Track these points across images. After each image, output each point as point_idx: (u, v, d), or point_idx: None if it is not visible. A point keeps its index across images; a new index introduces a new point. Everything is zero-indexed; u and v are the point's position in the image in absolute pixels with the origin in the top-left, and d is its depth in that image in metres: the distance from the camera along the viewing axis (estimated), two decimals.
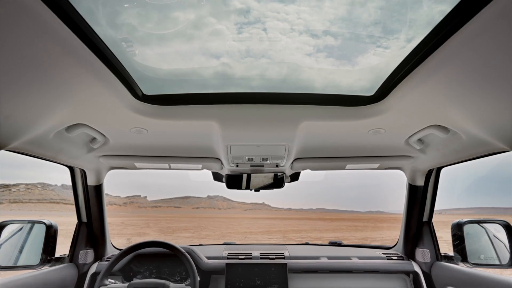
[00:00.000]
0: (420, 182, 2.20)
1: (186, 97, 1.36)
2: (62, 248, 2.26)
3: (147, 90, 1.31)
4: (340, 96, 1.36)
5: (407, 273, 2.30)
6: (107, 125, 1.52)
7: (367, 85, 1.31)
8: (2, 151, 1.44)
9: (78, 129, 1.49)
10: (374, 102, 1.35)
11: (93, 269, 2.24)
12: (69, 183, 2.22)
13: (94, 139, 1.72)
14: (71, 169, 2.14)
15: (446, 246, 2.27)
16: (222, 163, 2.06)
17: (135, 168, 2.17)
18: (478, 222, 1.99)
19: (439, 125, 1.47)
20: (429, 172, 2.15)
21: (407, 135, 1.65)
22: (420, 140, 1.72)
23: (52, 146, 1.58)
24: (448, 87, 1.10)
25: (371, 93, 1.33)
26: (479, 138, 1.43)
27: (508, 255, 1.77)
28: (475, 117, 1.26)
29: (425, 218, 2.30)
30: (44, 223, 2.01)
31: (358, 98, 1.36)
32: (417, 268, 2.26)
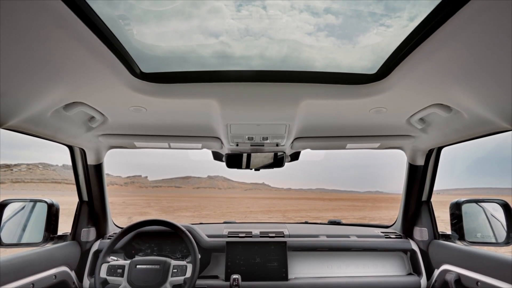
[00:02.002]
0: (420, 162, 2.20)
1: (185, 75, 1.33)
2: (65, 227, 2.29)
3: (146, 68, 1.29)
4: (342, 75, 1.33)
5: (405, 251, 2.34)
6: (105, 103, 1.50)
7: (368, 65, 1.29)
8: (2, 130, 1.44)
9: (76, 107, 1.47)
10: (376, 81, 1.32)
11: (95, 247, 2.28)
12: (70, 163, 2.23)
13: (92, 118, 1.70)
14: (71, 148, 2.14)
15: (443, 226, 2.30)
16: (222, 143, 2.05)
17: (135, 147, 2.17)
18: (477, 201, 2.00)
19: (441, 104, 1.45)
20: (430, 152, 2.15)
21: (409, 114, 1.64)
22: (421, 119, 1.70)
23: (50, 125, 1.57)
24: (452, 65, 1.08)
25: (373, 71, 1.30)
26: (481, 117, 1.42)
27: (504, 234, 1.80)
28: (478, 95, 1.25)
29: (424, 198, 2.32)
30: (46, 202, 2.03)
31: (360, 77, 1.34)
32: (414, 246, 2.29)
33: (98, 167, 2.27)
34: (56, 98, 1.33)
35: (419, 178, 2.26)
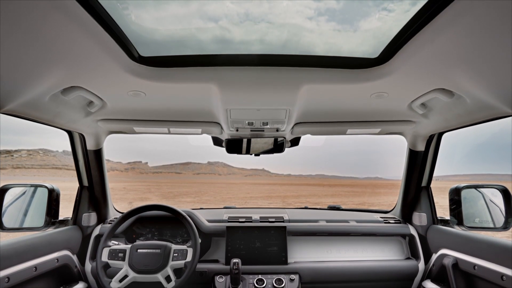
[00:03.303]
0: (421, 147, 2.20)
1: (184, 59, 1.31)
2: (67, 212, 2.31)
3: (144, 52, 1.27)
4: (343, 59, 1.31)
5: (403, 235, 2.37)
6: (103, 88, 1.49)
7: (369, 50, 1.27)
8: (1, 115, 1.43)
9: (74, 91, 1.46)
10: (377, 65, 1.31)
11: (96, 231, 2.30)
12: (70, 149, 2.23)
13: (91, 102, 1.69)
14: (70, 134, 2.13)
15: (441, 211, 2.32)
16: (222, 128, 2.04)
17: (134, 132, 2.16)
18: (476, 187, 2.01)
19: (443, 89, 1.43)
20: (430, 138, 2.15)
21: (411, 99, 1.62)
22: (423, 104, 1.69)
23: (48, 109, 1.56)
24: (455, 49, 1.06)
25: (374, 56, 1.28)
26: (484, 102, 1.41)
27: (502, 219, 1.81)
28: (482, 80, 1.23)
29: (423, 183, 2.33)
30: (46, 187, 2.03)
31: (361, 61, 1.32)
32: (413, 231, 2.32)
33: (98, 152, 2.27)
34: (53, 82, 1.31)
35: (419, 163, 2.26)
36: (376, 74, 1.34)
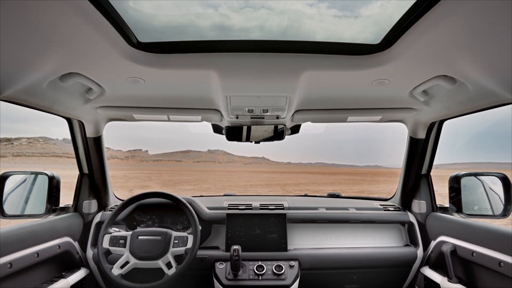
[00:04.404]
0: (422, 135, 2.19)
1: (183, 45, 1.29)
2: (68, 199, 2.32)
3: (143, 38, 1.25)
4: (344, 45, 1.29)
5: (403, 223, 2.38)
6: (102, 74, 1.47)
7: (370, 37, 1.25)
8: (1, 103, 1.42)
9: (72, 78, 1.44)
10: (379, 51, 1.29)
11: (97, 219, 2.32)
12: (70, 137, 2.22)
13: (90, 89, 1.67)
14: (69, 121, 2.12)
15: (440, 199, 2.33)
16: (221, 115, 2.03)
17: (134, 119, 2.15)
18: (476, 174, 2.01)
19: (446, 76, 1.42)
20: (431, 125, 2.14)
21: (412, 86, 1.61)
22: (425, 91, 1.68)
23: (47, 96, 1.54)
24: (458, 34, 1.04)
25: (376, 42, 1.27)
26: (486, 89, 1.39)
27: (502, 206, 1.81)
28: (485, 66, 1.22)
29: (423, 171, 2.33)
30: (46, 174, 2.04)
31: (363, 47, 1.30)
32: (412, 219, 2.33)
33: (98, 140, 2.26)
34: (51, 68, 1.30)
35: (420, 151, 2.26)
36: (378, 60, 1.32)
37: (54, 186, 2.04)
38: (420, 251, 2.21)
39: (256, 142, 2.26)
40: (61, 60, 1.26)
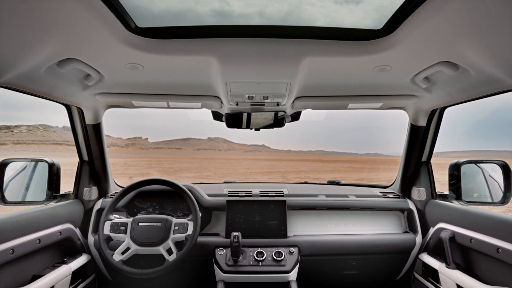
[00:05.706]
0: (423, 122, 2.18)
1: (182, 30, 1.27)
2: (69, 187, 2.32)
3: (141, 23, 1.23)
4: (346, 30, 1.27)
5: (402, 210, 2.39)
6: (100, 60, 1.45)
7: (372, 23, 1.23)
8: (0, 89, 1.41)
9: (70, 64, 1.42)
10: (381, 37, 1.27)
11: (98, 205, 2.33)
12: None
13: (88, 75, 1.66)
14: (68, 108, 2.11)
15: (439, 187, 2.33)
16: (221, 102, 2.02)
17: (133, 106, 2.13)
18: (476, 162, 2.01)
19: (448, 62, 1.40)
20: (432, 112, 2.13)
21: (414, 72, 1.59)
22: (426, 78, 1.66)
23: (45, 82, 1.53)
24: (462, 19, 1.02)
25: (378, 27, 1.24)
26: (489, 75, 1.38)
27: (501, 194, 1.82)
28: (489, 52, 1.20)
29: (424, 158, 2.33)
30: (47, 161, 2.04)
31: (364, 33, 1.27)
32: (411, 206, 2.34)
33: (97, 127, 2.25)
34: (48, 53, 1.28)
35: (420, 138, 2.25)
36: (379, 46, 1.30)
37: (54, 173, 2.04)
38: (419, 238, 2.22)
39: (256, 129, 2.25)
40: (59, 46, 1.24)
